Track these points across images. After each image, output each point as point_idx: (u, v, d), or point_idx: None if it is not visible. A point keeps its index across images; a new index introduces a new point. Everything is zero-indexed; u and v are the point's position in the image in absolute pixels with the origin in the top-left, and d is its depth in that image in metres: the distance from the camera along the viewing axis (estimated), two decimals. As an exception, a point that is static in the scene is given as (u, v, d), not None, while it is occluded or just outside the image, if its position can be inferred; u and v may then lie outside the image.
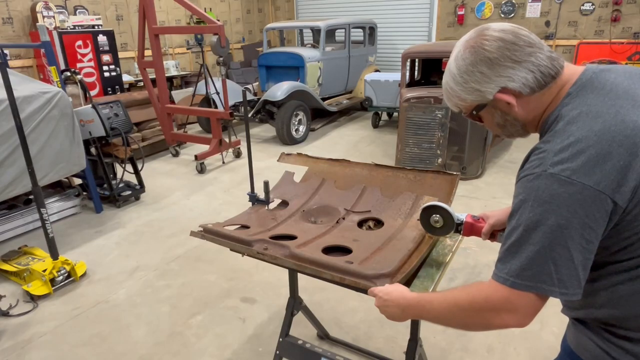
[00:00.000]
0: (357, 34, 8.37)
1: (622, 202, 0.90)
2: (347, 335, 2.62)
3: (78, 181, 4.59)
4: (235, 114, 6.02)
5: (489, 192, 4.63)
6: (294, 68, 7.13)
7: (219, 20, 5.98)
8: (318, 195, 2.12)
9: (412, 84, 5.82)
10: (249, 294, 3.07)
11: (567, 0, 7.83)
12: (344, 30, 7.76)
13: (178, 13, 8.92)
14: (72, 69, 4.85)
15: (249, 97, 7.46)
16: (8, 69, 2.99)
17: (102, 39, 6.74)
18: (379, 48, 8.92)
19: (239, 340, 2.64)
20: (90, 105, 4.26)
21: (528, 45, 1.01)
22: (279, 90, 6.36)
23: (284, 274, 2.71)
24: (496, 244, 1.46)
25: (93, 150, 4.34)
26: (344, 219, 1.94)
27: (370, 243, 1.68)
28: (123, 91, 7.09)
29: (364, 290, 1.45)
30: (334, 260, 1.52)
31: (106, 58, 6.84)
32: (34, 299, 3.03)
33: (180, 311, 2.91)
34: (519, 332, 2.52)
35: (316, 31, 8.24)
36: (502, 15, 8.34)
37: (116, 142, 4.54)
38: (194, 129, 7.46)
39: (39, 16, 6.30)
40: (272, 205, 2.14)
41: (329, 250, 1.66)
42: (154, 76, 5.90)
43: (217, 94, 6.32)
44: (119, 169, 4.62)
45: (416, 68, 6.09)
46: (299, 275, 2.07)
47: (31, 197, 3.85)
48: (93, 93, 6.46)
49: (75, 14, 7.02)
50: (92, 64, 6.69)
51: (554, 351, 1.31)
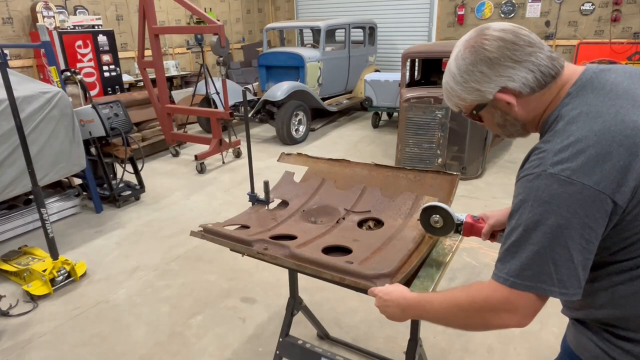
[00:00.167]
0: (357, 34, 8.37)
1: (622, 202, 0.90)
2: (347, 335, 2.62)
3: (78, 181, 4.59)
4: (235, 114, 6.02)
5: (489, 192, 4.63)
6: (294, 68, 7.13)
7: (219, 20, 5.98)
8: (318, 195, 2.12)
9: (412, 84, 5.82)
10: (249, 294, 3.07)
11: (567, 0, 7.83)
12: (344, 30, 7.76)
13: (178, 13, 8.92)
14: (72, 69, 4.85)
15: (249, 97, 7.46)
16: (8, 69, 2.99)
17: (102, 39, 6.75)
18: (379, 48, 8.92)
19: (239, 340, 2.64)
20: (90, 105, 4.26)
21: (528, 44, 1.01)
22: (279, 90, 6.36)
23: (284, 274, 2.71)
24: (496, 244, 1.46)
25: (93, 150, 4.34)
26: (344, 219, 1.94)
27: (370, 243, 1.67)
28: (123, 91, 7.09)
29: (364, 290, 1.45)
30: (334, 260, 1.52)
31: (106, 58, 6.84)
32: (34, 299, 3.03)
33: (180, 311, 2.92)
34: (519, 332, 2.52)
35: (316, 31, 8.24)
36: (502, 15, 8.34)
37: (116, 142, 4.54)
38: (194, 129, 7.46)
39: (39, 16, 6.30)
40: (272, 205, 2.14)
41: (329, 250, 1.66)
42: (154, 76, 5.90)
43: (217, 94, 6.32)
44: (119, 169, 4.62)
45: (416, 68, 6.09)
46: (299, 275, 2.07)
47: (31, 197, 3.86)
48: (93, 93, 6.47)
49: (75, 14, 7.02)
50: (92, 64, 6.69)
51: (554, 351, 1.31)
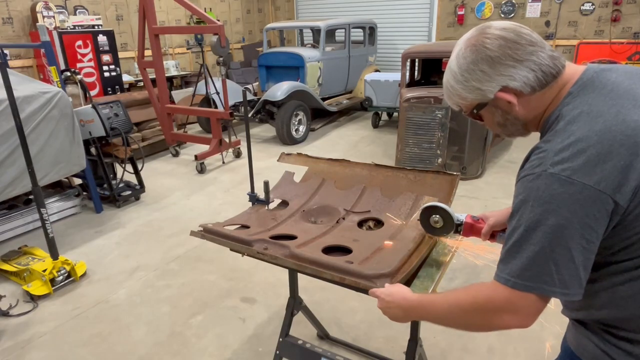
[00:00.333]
0: (357, 34, 8.36)
1: (623, 202, 0.90)
2: (347, 335, 2.62)
3: (78, 181, 4.59)
4: (235, 114, 6.02)
5: (489, 192, 4.63)
6: (294, 68, 7.12)
7: (219, 20, 5.98)
8: (318, 195, 2.12)
9: (412, 84, 5.81)
10: (249, 294, 3.07)
11: (567, 0, 7.83)
12: (344, 30, 7.76)
13: (178, 13, 8.92)
14: (72, 69, 4.86)
15: (249, 97, 7.46)
16: (8, 69, 2.99)
17: (102, 39, 6.75)
18: (379, 48, 8.92)
19: (239, 340, 2.64)
20: (90, 105, 4.26)
21: (530, 44, 1.00)
22: (279, 90, 6.36)
23: (284, 274, 2.71)
24: (496, 244, 1.46)
25: (93, 150, 4.34)
26: (344, 219, 1.94)
27: (370, 243, 1.67)
28: (123, 91, 7.09)
29: (364, 290, 1.45)
30: (334, 260, 1.52)
31: (106, 58, 6.85)
32: (34, 299, 3.03)
33: (180, 311, 2.91)
34: (518, 332, 2.51)
35: (316, 31, 8.24)
36: (502, 15, 8.34)
37: (116, 142, 4.54)
38: (194, 129, 7.46)
39: (39, 16, 6.30)
40: (272, 205, 2.14)
41: (329, 250, 1.66)
42: (154, 76, 5.90)
43: (217, 94, 6.32)
44: (119, 169, 4.62)
45: (416, 68, 6.09)
46: (299, 275, 2.07)
47: (31, 197, 3.85)
48: (93, 93, 6.46)
49: (75, 14, 7.02)
50: (92, 64, 6.69)
51: (554, 351, 1.31)
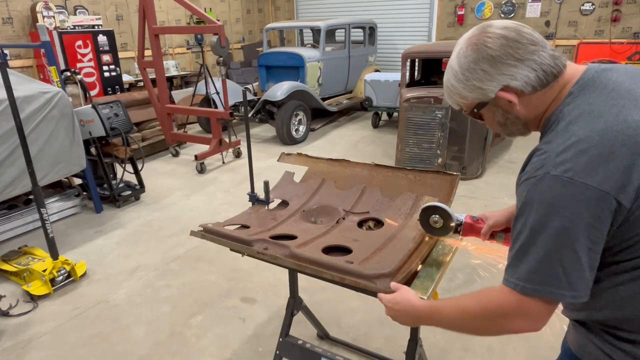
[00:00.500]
0: (357, 34, 8.36)
1: (626, 203, 0.89)
2: (347, 335, 2.62)
3: (78, 181, 4.59)
4: (235, 114, 6.01)
5: (489, 192, 4.63)
6: (294, 68, 7.12)
7: (219, 20, 5.98)
8: (318, 195, 2.12)
9: (412, 84, 5.81)
10: (249, 294, 3.07)
11: (567, 0, 7.82)
12: (344, 30, 7.76)
13: (178, 13, 8.92)
14: (72, 69, 4.86)
15: (249, 97, 7.46)
16: (8, 69, 2.99)
17: (102, 39, 6.74)
18: (379, 48, 8.92)
19: (239, 340, 2.64)
20: (90, 105, 4.26)
21: (531, 43, 1.00)
22: (279, 90, 6.36)
23: (284, 274, 2.71)
24: (496, 244, 1.46)
25: (93, 150, 4.34)
26: (344, 219, 1.93)
27: (370, 243, 1.67)
28: (123, 91, 7.09)
29: (364, 290, 1.45)
30: (334, 260, 1.52)
31: (106, 58, 6.84)
32: (34, 299, 3.03)
33: (180, 311, 2.91)
34: (519, 332, 2.51)
35: (316, 31, 8.24)
36: (502, 15, 8.34)
37: (116, 142, 4.54)
38: (194, 129, 7.46)
39: (39, 16, 6.30)
40: (272, 205, 2.14)
41: (329, 250, 1.66)
42: (154, 76, 5.90)
43: (217, 94, 6.32)
44: (119, 169, 4.62)
45: (416, 68, 6.09)
46: (299, 275, 2.07)
47: (31, 197, 3.86)
48: (93, 93, 6.46)
49: (75, 14, 7.02)
50: (92, 64, 6.69)
51: (554, 351, 1.31)
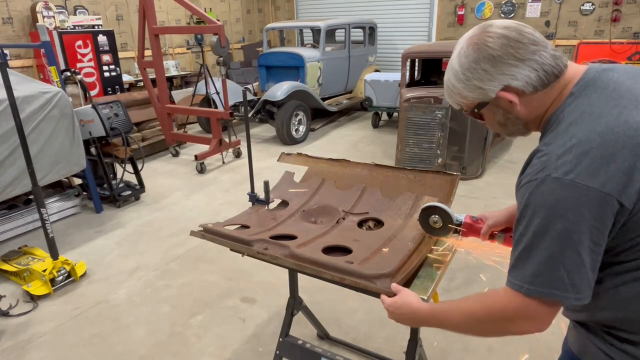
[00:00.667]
0: (357, 34, 8.36)
1: (628, 204, 0.89)
2: (347, 335, 2.62)
3: (78, 181, 4.59)
4: (235, 114, 6.02)
5: (489, 192, 4.63)
6: (294, 68, 7.12)
7: (219, 20, 5.98)
8: (318, 195, 2.12)
9: (412, 84, 5.81)
10: (249, 294, 3.07)
11: (567, 0, 7.82)
12: (344, 30, 7.75)
13: (178, 13, 8.92)
14: (72, 69, 4.86)
15: (249, 97, 7.46)
16: (8, 69, 2.99)
17: (102, 39, 6.74)
18: (379, 48, 8.92)
19: (239, 340, 2.64)
20: (90, 105, 4.26)
21: (532, 43, 0.99)
22: (279, 90, 6.36)
23: (284, 274, 2.70)
24: (496, 244, 1.46)
25: (93, 150, 4.34)
26: (344, 219, 1.93)
27: (370, 243, 1.67)
28: (123, 91, 7.09)
29: (364, 290, 1.45)
30: (334, 260, 1.52)
31: (106, 58, 6.84)
32: (34, 299, 3.03)
33: (180, 311, 2.91)
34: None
35: (316, 31, 8.24)
36: (502, 15, 8.34)
37: (116, 142, 4.54)
38: (194, 129, 7.46)
39: (39, 16, 6.30)
40: (272, 205, 2.14)
41: (329, 250, 1.66)
42: (154, 76, 5.90)
43: (217, 94, 6.32)
44: (119, 169, 4.62)
45: (416, 68, 6.09)
46: (299, 275, 2.07)
47: (31, 197, 3.85)
48: (93, 93, 6.46)
49: (75, 14, 7.02)
50: (92, 64, 6.69)
51: (554, 352, 1.31)
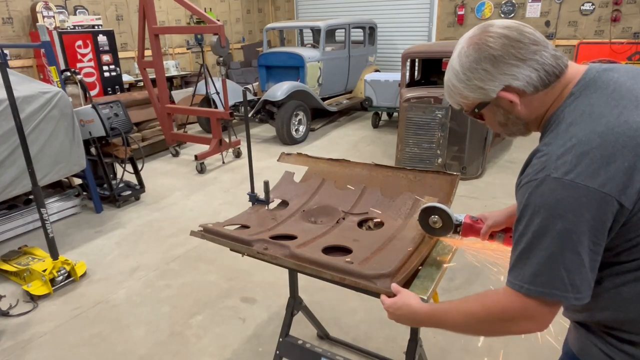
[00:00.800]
0: (357, 34, 8.36)
1: (628, 204, 0.89)
2: (347, 335, 2.62)
3: (78, 181, 4.59)
4: (235, 114, 6.02)
5: (489, 192, 4.63)
6: (294, 68, 7.12)
7: (219, 20, 5.98)
8: (318, 195, 2.12)
9: (412, 84, 5.82)
10: (249, 294, 3.07)
11: (567, 0, 7.82)
12: (344, 30, 7.75)
13: (178, 13, 8.92)
14: (72, 69, 4.86)
15: (249, 97, 7.46)
16: (8, 69, 2.99)
17: (102, 39, 6.74)
18: (379, 48, 8.92)
19: (239, 340, 2.64)
20: (90, 105, 4.26)
21: (533, 43, 0.99)
22: (279, 90, 6.36)
23: (284, 274, 2.71)
24: (496, 244, 1.46)
25: (93, 150, 4.34)
26: (344, 219, 1.94)
27: (370, 243, 1.67)
28: (123, 91, 7.09)
29: (364, 290, 1.45)
30: (334, 260, 1.52)
31: (106, 58, 6.85)
32: (34, 299, 3.03)
33: (180, 311, 2.91)
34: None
35: (316, 31, 8.24)
36: (502, 15, 8.34)
37: (116, 142, 4.54)
38: (194, 129, 7.46)
39: (39, 16, 6.30)
40: (272, 205, 2.14)
41: (329, 250, 1.66)
42: (154, 76, 5.90)
43: (217, 94, 6.32)
44: (119, 169, 4.62)
45: (416, 68, 6.09)
46: (299, 275, 2.07)
47: (31, 197, 3.85)
48: (93, 93, 6.46)
49: (75, 14, 7.02)
50: (92, 64, 6.69)
51: (554, 352, 1.31)
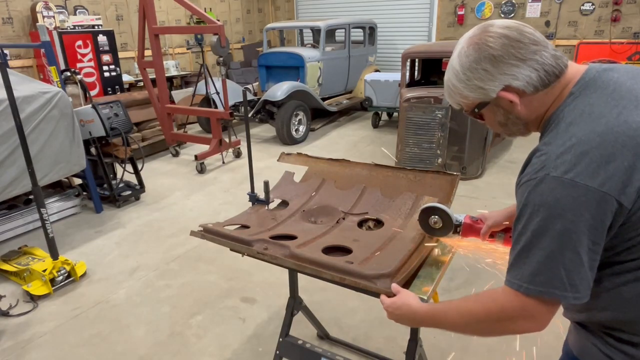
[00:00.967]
0: (357, 34, 8.36)
1: (627, 203, 0.89)
2: (347, 335, 2.62)
3: (78, 181, 4.59)
4: (235, 114, 6.02)
5: (489, 192, 4.63)
6: (294, 68, 7.12)
7: (219, 20, 5.98)
8: (318, 195, 2.12)
9: (412, 84, 5.81)
10: (249, 294, 3.07)
11: (567, 0, 7.82)
12: (344, 30, 7.75)
13: (178, 13, 8.91)
14: (72, 69, 4.86)
15: (249, 97, 7.46)
16: (8, 69, 2.99)
17: (102, 39, 6.74)
18: (379, 48, 8.92)
19: (239, 340, 2.64)
20: (90, 105, 4.26)
21: (533, 42, 0.99)
22: (279, 90, 6.36)
23: (284, 274, 2.71)
24: (495, 244, 1.46)
25: (93, 150, 4.34)
26: (344, 219, 1.94)
27: (370, 243, 1.67)
28: (123, 91, 7.09)
29: (364, 290, 1.45)
30: (334, 260, 1.52)
31: (106, 58, 6.84)
32: (34, 299, 3.03)
33: (180, 311, 2.91)
34: (519, 332, 2.51)
35: (316, 31, 8.24)
36: (502, 15, 8.34)
37: (116, 142, 4.54)
38: (194, 129, 7.46)
39: (39, 16, 6.30)
40: (272, 205, 2.14)
41: (329, 250, 1.66)
42: (154, 76, 5.90)
43: (217, 94, 6.32)
44: (119, 169, 4.62)
45: (416, 68, 6.09)
46: (299, 275, 2.07)
47: (31, 197, 3.85)
48: (93, 93, 6.46)
49: (75, 14, 7.02)
50: (92, 64, 6.69)
51: (555, 352, 1.31)
